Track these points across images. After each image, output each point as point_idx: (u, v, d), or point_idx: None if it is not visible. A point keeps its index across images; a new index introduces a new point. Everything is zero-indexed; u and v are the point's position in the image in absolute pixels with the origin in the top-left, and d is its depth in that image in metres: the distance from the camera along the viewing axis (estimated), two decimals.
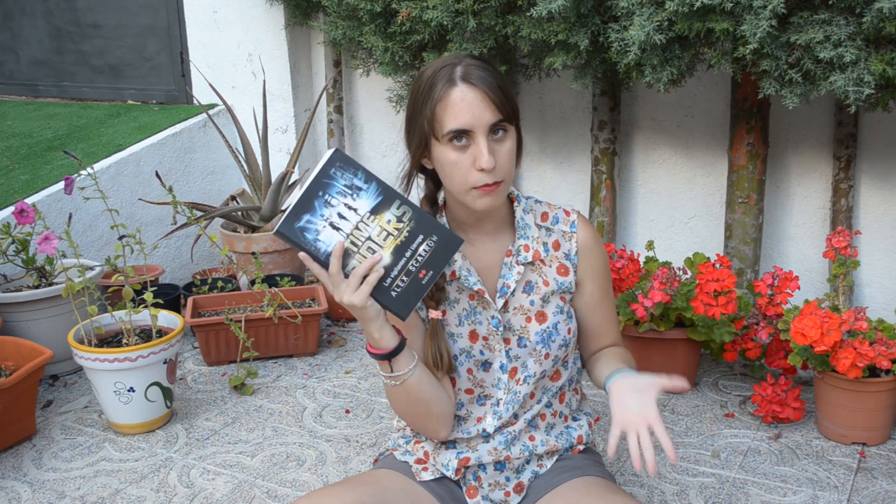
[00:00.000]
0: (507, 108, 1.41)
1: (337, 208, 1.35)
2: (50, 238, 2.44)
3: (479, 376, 1.56)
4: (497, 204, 1.45)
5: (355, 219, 1.35)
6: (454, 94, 1.39)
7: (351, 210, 1.35)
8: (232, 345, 2.80)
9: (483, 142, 1.39)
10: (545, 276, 1.55)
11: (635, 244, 3.13)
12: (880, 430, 2.25)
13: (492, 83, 1.40)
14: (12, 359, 2.42)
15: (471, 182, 1.41)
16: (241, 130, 3.37)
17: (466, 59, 1.43)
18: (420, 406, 1.48)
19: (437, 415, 1.50)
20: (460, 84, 1.39)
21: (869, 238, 2.76)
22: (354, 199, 1.35)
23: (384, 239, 1.36)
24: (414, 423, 1.53)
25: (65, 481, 2.19)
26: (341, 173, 1.35)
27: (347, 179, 1.35)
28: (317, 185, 1.34)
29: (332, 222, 1.35)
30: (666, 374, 2.52)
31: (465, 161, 1.40)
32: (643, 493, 2.06)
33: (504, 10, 2.58)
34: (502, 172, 1.42)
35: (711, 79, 2.86)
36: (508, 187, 1.47)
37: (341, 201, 1.35)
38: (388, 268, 1.36)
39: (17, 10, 4.17)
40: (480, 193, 1.42)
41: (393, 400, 1.50)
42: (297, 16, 3.36)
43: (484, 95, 1.39)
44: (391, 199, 1.36)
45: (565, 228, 1.56)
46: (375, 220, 1.35)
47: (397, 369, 1.43)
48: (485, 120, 1.39)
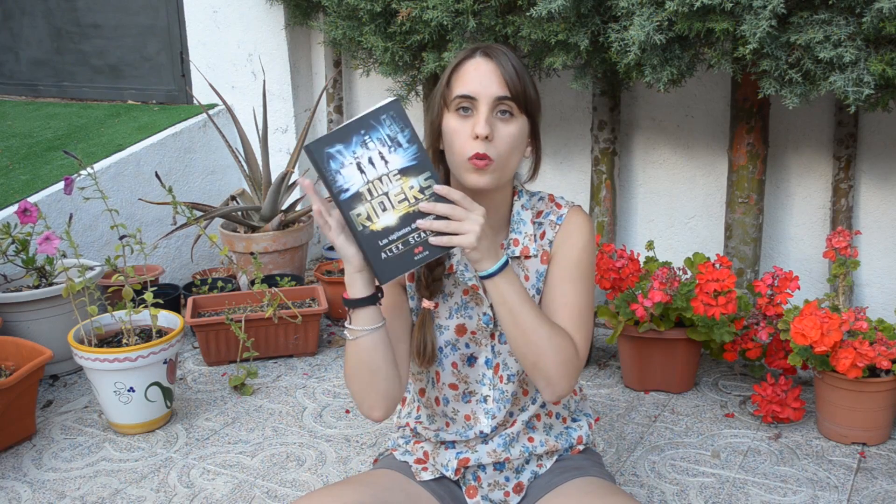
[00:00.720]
0: (519, 92, 1.43)
1: (371, 152, 1.32)
2: (51, 238, 2.44)
3: (464, 371, 1.56)
4: (486, 185, 1.44)
5: (383, 171, 1.33)
6: (469, 63, 1.44)
7: (383, 160, 1.33)
8: (232, 345, 2.81)
9: (485, 111, 1.41)
10: (528, 270, 1.54)
11: (635, 244, 3.13)
12: (880, 430, 2.25)
13: (510, 65, 1.43)
14: (12, 359, 2.42)
15: (466, 151, 1.42)
16: (241, 130, 3.37)
17: (499, 45, 1.47)
18: (365, 373, 1.43)
19: (379, 390, 1.44)
20: (478, 55, 1.44)
21: (869, 238, 2.76)
22: (391, 151, 1.33)
23: (399, 201, 1.33)
24: (356, 391, 1.47)
25: (65, 481, 2.19)
26: (390, 122, 1.33)
27: (393, 131, 1.33)
28: (361, 124, 1.32)
29: (360, 163, 1.32)
30: (666, 374, 2.53)
31: (466, 129, 1.42)
32: (643, 493, 2.06)
33: (504, 10, 2.58)
34: (496, 151, 1.42)
35: (711, 79, 2.86)
36: (503, 173, 1.46)
37: (378, 148, 1.33)
38: (389, 229, 1.33)
39: (17, 10, 4.17)
40: (472, 167, 1.42)
41: (346, 358, 1.46)
42: (297, 16, 3.36)
43: (495, 69, 1.42)
44: (423, 169, 1.34)
45: (553, 219, 1.56)
46: (400, 181, 1.33)
47: (356, 323, 1.39)
48: (491, 91, 1.41)
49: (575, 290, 1.51)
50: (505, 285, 1.38)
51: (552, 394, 1.46)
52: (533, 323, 1.41)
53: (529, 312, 1.40)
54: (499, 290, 1.39)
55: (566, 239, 1.54)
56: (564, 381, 1.44)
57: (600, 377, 2.68)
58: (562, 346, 1.43)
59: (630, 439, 2.32)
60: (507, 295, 1.39)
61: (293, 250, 3.26)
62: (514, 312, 1.40)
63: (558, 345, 1.42)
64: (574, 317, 1.50)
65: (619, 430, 2.37)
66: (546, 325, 1.42)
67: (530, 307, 1.41)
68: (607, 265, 2.55)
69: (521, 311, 1.40)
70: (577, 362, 1.46)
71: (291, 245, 3.25)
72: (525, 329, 1.40)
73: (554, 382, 1.44)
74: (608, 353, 2.84)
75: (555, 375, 1.43)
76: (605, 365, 2.76)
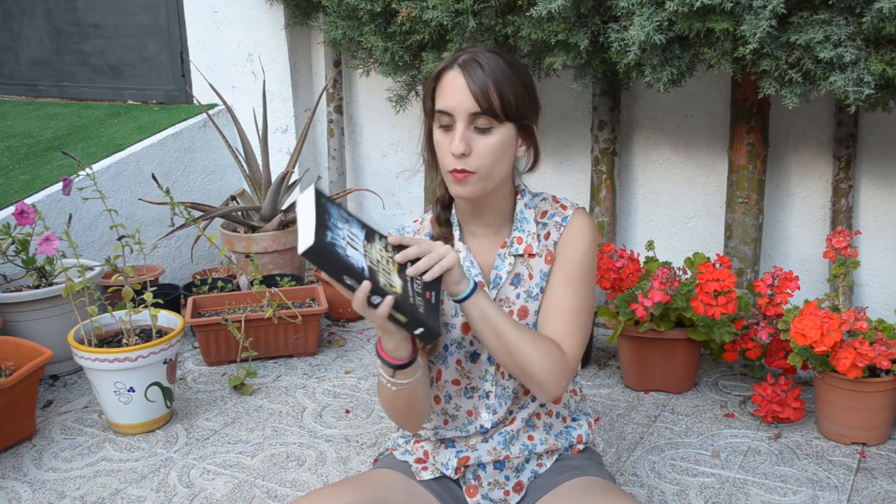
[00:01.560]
0: (492, 104, 1.41)
1: (343, 231, 1.31)
2: (50, 239, 2.44)
3: (467, 367, 1.57)
4: (469, 195, 1.46)
5: (360, 242, 1.32)
6: (447, 77, 1.44)
7: (352, 235, 1.32)
8: (232, 345, 2.80)
9: (460, 128, 1.41)
10: (532, 268, 1.55)
11: (635, 244, 3.13)
12: (880, 430, 2.25)
13: (482, 78, 1.40)
14: (12, 359, 2.42)
15: (447, 165, 1.45)
16: (241, 130, 3.37)
17: (484, 50, 1.45)
18: (406, 409, 1.49)
19: (417, 415, 1.52)
20: (455, 68, 1.43)
21: (869, 238, 2.76)
22: (350, 226, 1.33)
23: (387, 262, 1.34)
24: (392, 417, 1.54)
25: (65, 481, 2.19)
26: (329, 204, 1.32)
27: (336, 209, 1.33)
28: (321, 211, 1.29)
29: (349, 241, 1.30)
30: (666, 374, 2.53)
31: (446, 143, 1.44)
32: (643, 493, 2.06)
33: (504, 10, 2.58)
34: (476, 164, 1.43)
35: (711, 79, 2.86)
36: (487, 182, 1.46)
37: (344, 226, 1.32)
38: (405, 288, 1.33)
39: (17, 10, 4.17)
40: (452, 179, 1.45)
41: (382, 395, 1.50)
42: (297, 16, 3.36)
43: (467, 85, 1.41)
44: (371, 231, 1.37)
45: (558, 220, 1.56)
46: (372, 247, 1.34)
47: (399, 378, 1.43)
48: (465, 107, 1.41)
49: (574, 293, 1.53)
50: (484, 300, 1.42)
51: (545, 396, 1.49)
52: (514, 333, 1.44)
53: (509, 323, 1.44)
54: (479, 307, 1.42)
55: (570, 241, 1.54)
56: (555, 384, 1.47)
57: (600, 377, 2.68)
58: (547, 351, 1.46)
59: (630, 439, 2.32)
60: (486, 310, 1.42)
61: (293, 250, 3.27)
62: (495, 326, 1.43)
63: (542, 349, 1.46)
64: (571, 320, 1.52)
65: (619, 430, 2.37)
66: (526, 332, 1.46)
67: (509, 320, 1.45)
68: (607, 265, 2.55)
69: (502, 324, 1.43)
70: (565, 365, 1.49)
71: (291, 245, 3.25)
72: (507, 340, 1.43)
73: (545, 386, 1.47)
74: (608, 353, 2.84)
75: (544, 379, 1.46)
76: (605, 365, 2.76)
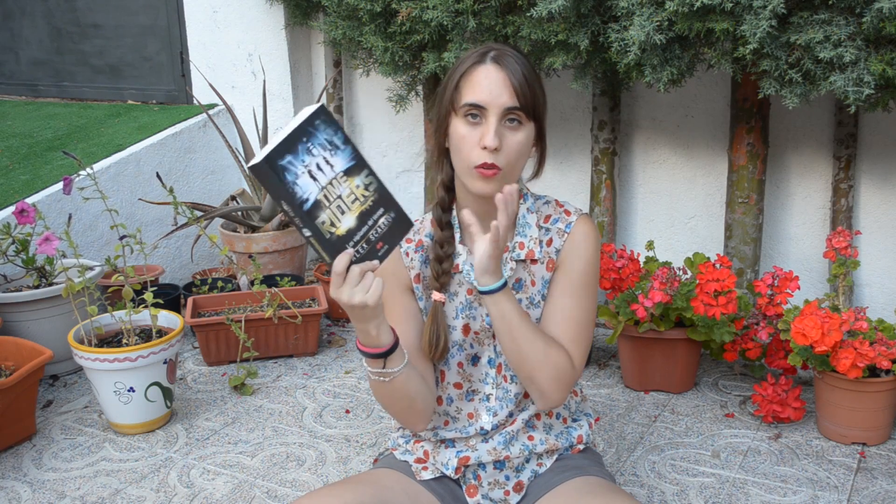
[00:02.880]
0: (528, 101, 1.43)
1: (317, 159, 1.30)
2: (50, 239, 2.44)
3: (468, 370, 1.58)
4: (492, 191, 1.45)
5: (330, 174, 1.31)
6: (480, 70, 1.44)
7: (328, 164, 1.31)
8: (232, 345, 2.81)
9: (493, 121, 1.42)
10: (534, 275, 1.55)
11: (635, 244, 3.13)
12: (880, 430, 2.25)
13: (519, 73, 1.43)
14: (12, 359, 2.42)
15: (473, 159, 1.43)
16: (241, 130, 3.37)
17: (508, 48, 1.46)
18: (404, 402, 1.48)
19: (419, 410, 1.51)
20: (489, 62, 1.44)
21: (869, 238, 2.76)
22: (332, 155, 1.32)
23: (352, 202, 1.33)
24: (394, 415, 1.53)
25: (65, 481, 2.19)
26: (324, 126, 1.31)
27: (329, 134, 1.32)
28: (301, 132, 1.29)
29: (311, 171, 1.29)
30: (666, 374, 2.53)
31: (474, 137, 1.43)
32: (643, 493, 2.06)
33: (504, 10, 2.58)
34: (504, 160, 1.43)
35: (711, 79, 2.86)
36: (509, 179, 1.46)
37: (322, 153, 1.31)
38: (351, 231, 1.33)
39: (17, 10, 4.17)
40: (478, 175, 1.44)
41: (378, 394, 1.49)
42: (297, 16, 3.36)
43: (506, 79, 1.42)
44: (362, 166, 1.35)
45: (561, 227, 1.56)
46: (347, 182, 1.32)
47: (390, 367, 1.41)
48: (501, 101, 1.41)
49: (577, 303, 1.53)
50: (504, 302, 1.42)
51: (544, 405, 1.52)
52: (529, 340, 1.44)
53: (527, 329, 1.44)
54: (498, 307, 1.43)
55: (573, 249, 1.54)
56: (557, 395, 1.49)
57: (600, 377, 2.68)
58: (557, 363, 1.47)
59: (630, 439, 2.32)
60: (505, 311, 1.43)
61: (293, 250, 3.27)
62: (511, 328, 1.44)
63: (553, 361, 1.46)
64: (573, 330, 1.52)
65: (619, 430, 2.37)
66: (541, 341, 1.46)
67: (528, 324, 1.45)
68: (607, 265, 2.55)
69: (518, 328, 1.44)
70: (571, 377, 1.50)
71: (291, 245, 3.25)
72: (521, 345, 1.44)
73: (547, 395, 1.49)
74: (608, 353, 2.84)
75: (548, 389, 1.48)
76: (605, 365, 2.76)
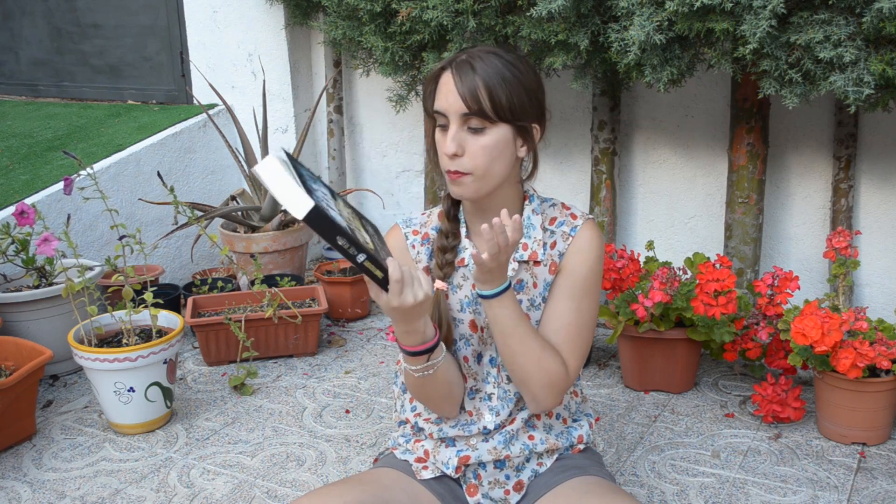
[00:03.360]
0: (482, 105, 1.40)
1: (320, 192, 1.29)
2: (49, 239, 2.44)
3: (473, 367, 1.58)
4: (466, 195, 1.46)
5: (332, 202, 1.30)
6: (443, 77, 1.45)
7: (326, 196, 1.30)
8: (232, 345, 2.81)
9: (453, 129, 1.43)
10: (536, 277, 1.55)
11: (635, 244, 3.13)
12: (880, 430, 2.25)
13: (474, 78, 1.40)
14: (12, 359, 2.42)
15: (443, 165, 1.46)
16: (241, 130, 3.37)
17: (484, 51, 1.44)
18: (445, 388, 1.50)
19: (457, 395, 1.53)
20: (450, 69, 1.44)
21: (869, 238, 2.76)
22: (320, 187, 1.32)
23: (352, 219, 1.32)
24: (433, 405, 1.54)
25: (65, 481, 2.19)
26: (299, 166, 1.31)
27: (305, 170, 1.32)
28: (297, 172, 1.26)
29: (327, 202, 1.27)
30: (666, 374, 2.53)
31: (443, 144, 1.45)
32: (643, 493, 2.06)
33: (504, 10, 2.58)
34: (471, 164, 1.43)
35: (711, 79, 2.86)
36: (484, 182, 1.45)
37: (318, 188, 1.30)
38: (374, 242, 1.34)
39: (17, 10, 4.17)
40: (449, 179, 1.46)
41: (419, 389, 1.50)
42: (297, 16, 3.37)
43: (460, 85, 1.41)
44: (332, 190, 1.37)
45: (566, 230, 1.56)
46: (339, 205, 1.32)
47: (434, 358, 1.43)
48: (456, 108, 1.42)
49: (577, 308, 1.53)
50: (499, 308, 1.43)
51: (536, 409, 1.53)
52: (523, 347, 1.45)
53: (522, 335, 1.44)
54: (493, 312, 1.44)
55: (576, 254, 1.54)
56: (549, 401, 1.51)
57: (600, 377, 2.68)
58: (550, 370, 1.47)
59: (630, 439, 2.32)
60: (500, 317, 1.44)
61: (293, 250, 3.27)
62: (505, 334, 1.45)
63: (546, 368, 1.47)
64: (571, 335, 1.52)
65: (619, 430, 2.37)
66: (536, 349, 1.46)
67: (523, 331, 1.45)
68: (607, 265, 2.55)
69: (512, 335, 1.44)
70: (565, 384, 1.50)
71: (291, 245, 3.25)
72: (514, 351, 1.45)
73: (539, 401, 1.50)
74: (608, 353, 2.84)
75: (540, 395, 1.49)
76: (605, 365, 2.76)
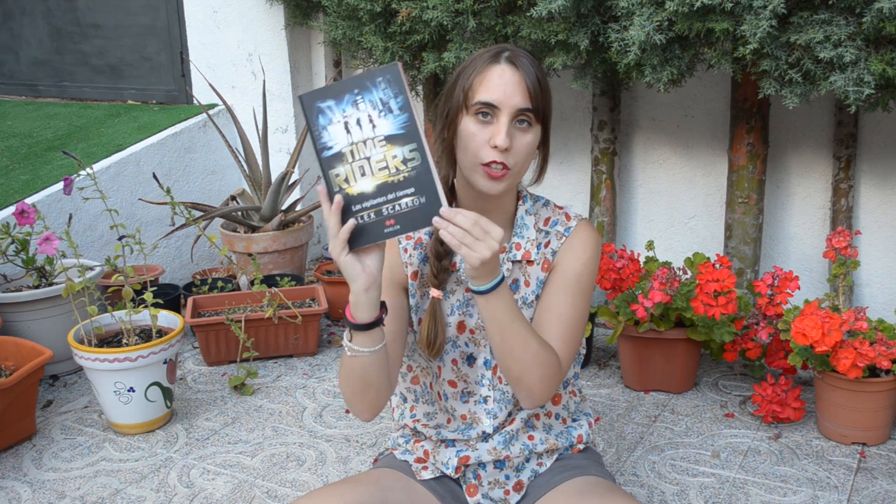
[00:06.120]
0: (539, 104, 1.43)
1: (361, 114, 1.29)
2: (50, 239, 2.44)
3: (464, 370, 1.57)
4: (498, 191, 1.44)
5: (369, 134, 1.29)
6: (494, 69, 1.43)
7: (370, 123, 1.29)
8: (232, 345, 2.81)
9: (505, 121, 1.41)
10: (528, 276, 1.55)
11: (635, 244, 3.13)
12: (880, 430, 2.25)
13: (533, 74, 1.43)
14: (12, 359, 2.42)
15: (481, 157, 1.42)
16: (241, 130, 3.37)
17: (521, 49, 1.46)
18: (358, 384, 1.44)
19: (368, 400, 1.47)
20: (503, 62, 1.43)
21: (869, 238, 2.76)
22: (380, 116, 1.29)
23: (380, 168, 1.30)
24: (346, 394, 1.49)
25: (65, 481, 2.19)
26: (385, 86, 1.29)
27: (387, 95, 1.29)
28: (356, 83, 1.28)
29: (348, 123, 1.28)
30: (666, 374, 2.53)
31: (484, 135, 1.42)
32: (643, 493, 2.06)
33: (504, 10, 2.58)
34: (513, 160, 1.43)
35: (711, 79, 2.86)
36: (515, 180, 1.47)
37: (368, 110, 1.29)
38: (364, 195, 1.30)
39: (17, 10, 4.17)
40: (486, 174, 1.43)
41: (342, 364, 1.46)
42: (297, 16, 3.37)
43: (521, 80, 1.41)
44: (411, 139, 1.30)
45: (560, 229, 1.56)
46: (385, 148, 1.29)
47: (357, 343, 1.39)
48: (514, 102, 1.41)
49: (570, 302, 1.52)
50: (496, 303, 1.40)
51: (531, 404, 1.50)
52: (520, 340, 1.43)
53: (518, 330, 1.42)
54: (489, 307, 1.40)
55: (570, 251, 1.54)
56: (545, 395, 1.48)
57: (600, 377, 2.68)
58: (547, 362, 1.46)
59: (630, 439, 2.32)
60: (496, 312, 1.40)
61: (293, 250, 3.27)
62: (502, 329, 1.42)
63: (543, 361, 1.45)
64: (564, 329, 1.51)
65: (619, 430, 2.37)
66: (534, 342, 1.44)
67: (520, 324, 1.43)
68: (607, 265, 2.55)
69: (509, 329, 1.42)
70: (559, 377, 1.49)
71: (291, 245, 3.25)
72: (512, 346, 1.42)
73: (535, 395, 1.48)
74: (608, 353, 2.84)
75: (536, 389, 1.46)
76: (605, 365, 2.76)
